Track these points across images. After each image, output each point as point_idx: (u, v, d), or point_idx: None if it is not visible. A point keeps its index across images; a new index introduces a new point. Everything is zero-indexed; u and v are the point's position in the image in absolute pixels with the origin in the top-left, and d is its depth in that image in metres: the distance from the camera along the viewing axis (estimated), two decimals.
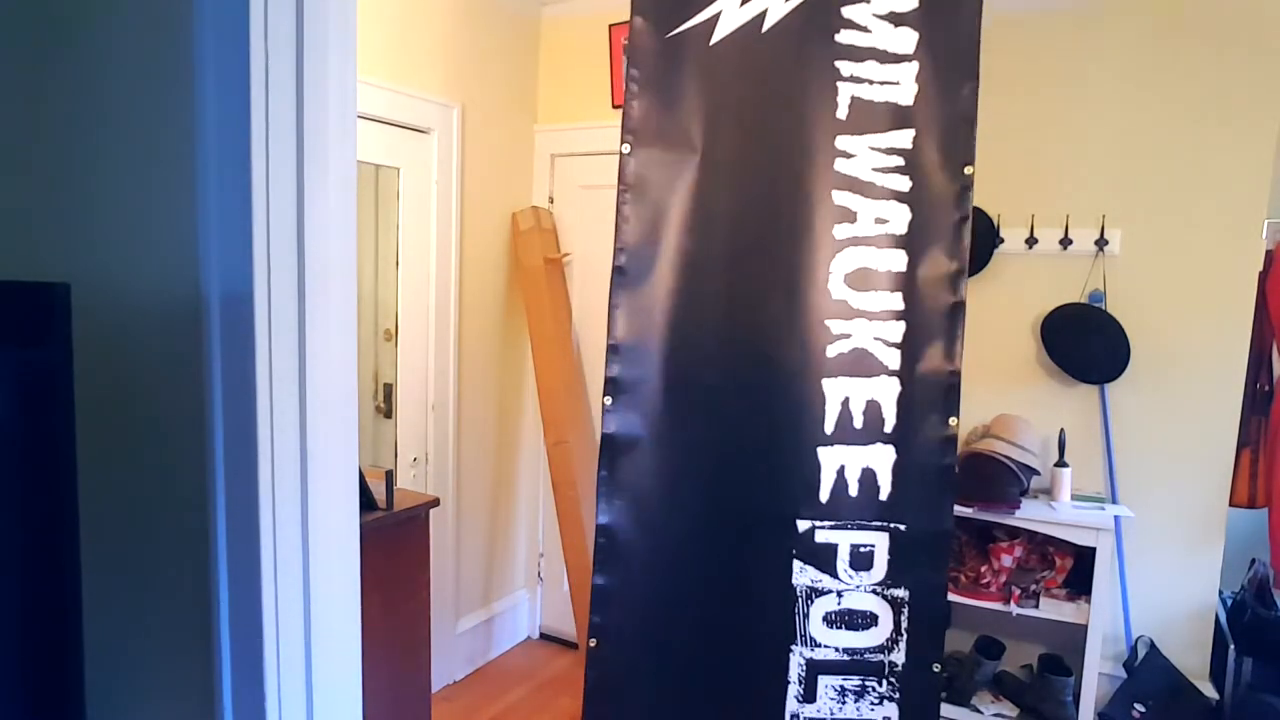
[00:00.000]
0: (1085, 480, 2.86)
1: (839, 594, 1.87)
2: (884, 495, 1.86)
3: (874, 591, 1.87)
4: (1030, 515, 2.67)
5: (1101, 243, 2.79)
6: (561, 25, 3.20)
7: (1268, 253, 2.65)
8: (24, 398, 0.92)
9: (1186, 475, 2.75)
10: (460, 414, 3.10)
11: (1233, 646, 2.66)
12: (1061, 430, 2.82)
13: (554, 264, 3.19)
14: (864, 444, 1.87)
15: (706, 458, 1.91)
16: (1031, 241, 2.89)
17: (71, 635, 0.98)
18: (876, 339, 1.86)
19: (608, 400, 1.89)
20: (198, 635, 1.02)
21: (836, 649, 1.88)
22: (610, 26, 2.97)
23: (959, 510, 2.74)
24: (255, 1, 0.90)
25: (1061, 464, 2.79)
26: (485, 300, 3.17)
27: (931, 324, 1.86)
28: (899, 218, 1.86)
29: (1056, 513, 2.69)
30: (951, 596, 2.80)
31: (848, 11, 1.86)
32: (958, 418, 1.86)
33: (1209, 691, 2.72)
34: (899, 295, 1.86)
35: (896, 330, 1.86)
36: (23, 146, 1.13)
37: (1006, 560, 2.76)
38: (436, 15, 2.81)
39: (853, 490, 1.86)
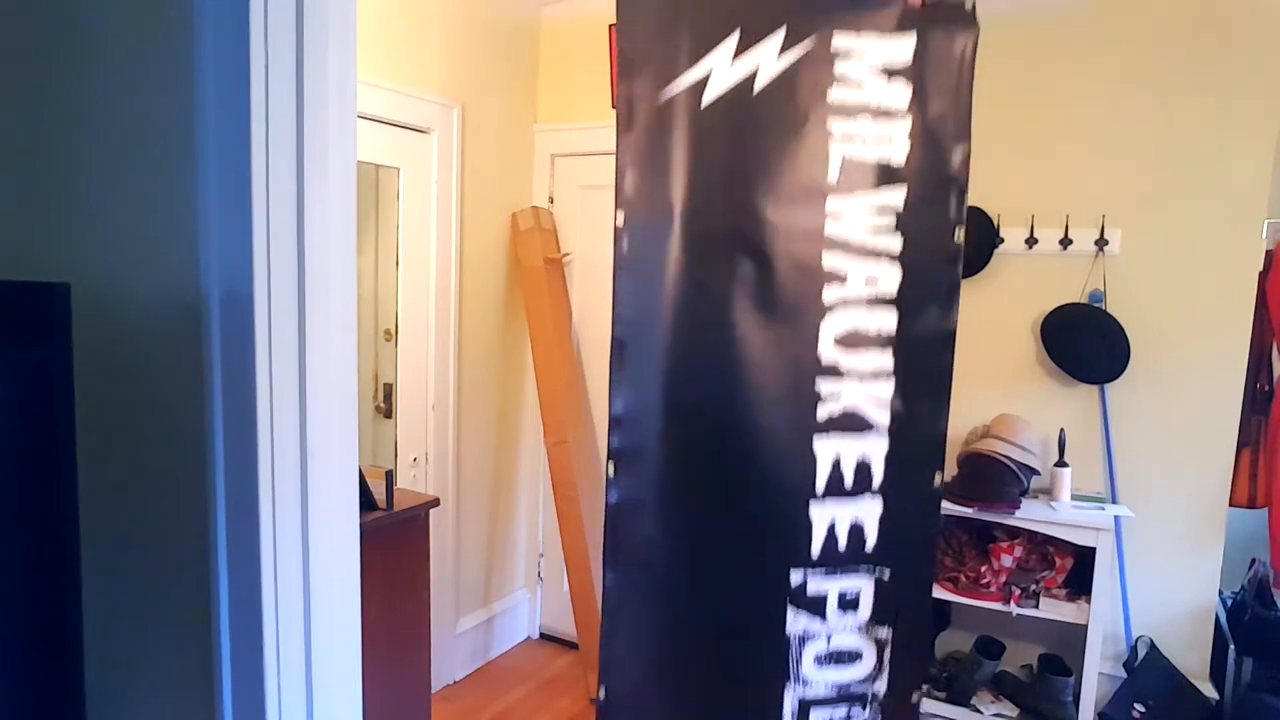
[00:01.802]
0: (1085, 480, 2.86)
1: (828, 636, 1.96)
2: (869, 545, 1.95)
3: (859, 631, 1.98)
4: (1030, 515, 2.67)
5: (1101, 243, 2.79)
6: (561, 25, 3.20)
7: (1268, 253, 2.66)
8: (24, 398, 0.92)
9: (1186, 475, 2.75)
10: (460, 414, 3.10)
11: (1233, 646, 2.66)
12: (1061, 430, 2.82)
13: (554, 264, 3.19)
14: (853, 498, 1.94)
15: (706, 519, 1.99)
16: (1031, 241, 2.89)
17: (71, 635, 0.98)
18: (867, 397, 1.91)
19: (611, 471, 1.96)
20: (198, 635, 1.02)
21: (826, 684, 1.98)
22: (610, 26, 2.97)
23: (959, 510, 2.74)
24: (255, 2, 0.90)
25: (1061, 464, 2.79)
26: (485, 300, 3.16)
27: (921, 383, 1.91)
28: (890, 278, 1.88)
29: (1056, 513, 2.69)
30: (951, 596, 2.81)
31: (841, 67, 1.86)
32: (942, 472, 1.95)
33: (1209, 691, 2.72)
34: (889, 354, 1.90)
35: (886, 389, 1.91)
36: (23, 146, 1.13)
37: (1006, 560, 2.76)
38: (436, 15, 2.81)
39: (842, 544, 1.94)
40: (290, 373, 0.97)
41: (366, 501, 2.13)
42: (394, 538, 2.16)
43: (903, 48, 1.84)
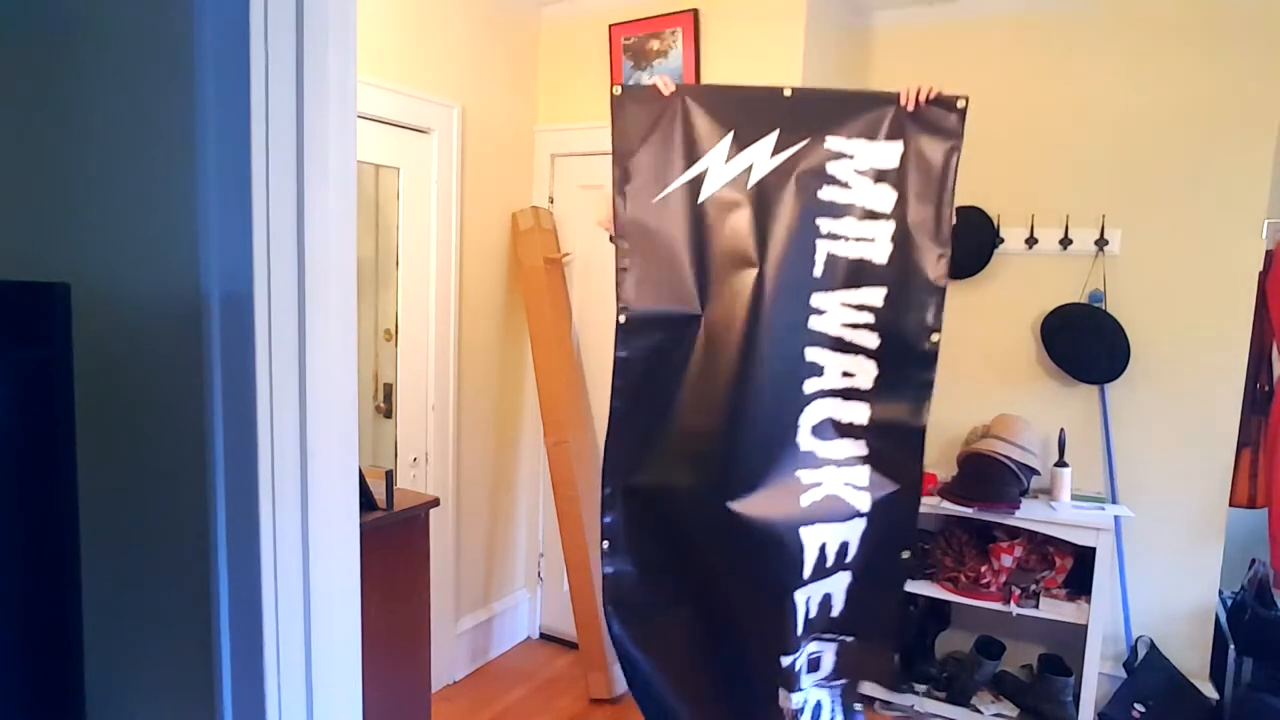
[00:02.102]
0: (1085, 480, 2.86)
1: (804, 695, 2.09)
2: (835, 613, 2.06)
3: (819, 685, 2.12)
4: (1030, 515, 2.67)
5: (1101, 243, 2.79)
6: (561, 25, 3.20)
7: (1268, 253, 2.65)
8: (24, 398, 0.92)
9: (1186, 475, 2.75)
10: (460, 414, 3.10)
11: (1233, 646, 2.66)
12: (1061, 430, 2.82)
13: (554, 264, 3.19)
14: (830, 575, 2.02)
15: (698, 604, 2.08)
16: (1031, 241, 2.89)
17: (71, 635, 0.98)
18: (846, 484, 1.99)
19: (605, 545, 2.05)
20: (198, 635, 1.02)
21: None
22: (610, 26, 2.97)
23: (959, 510, 2.74)
24: (255, 2, 0.90)
25: (1061, 464, 2.79)
26: (485, 300, 3.16)
27: (895, 471, 1.98)
28: (865, 372, 1.96)
29: (1056, 513, 2.69)
30: (951, 596, 2.81)
31: (831, 167, 1.92)
32: (911, 550, 2.06)
33: (1209, 691, 2.72)
34: (863, 443, 1.98)
35: (863, 475, 1.99)
36: (23, 146, 1.13)
37: (1006, 560, 2.76)
38: (437, 15, 2.81)
39: (813, 613, 2.04)
40: (290, 373, 0.97)
41: (366, 501, 2.12)
42: (394, 538, 2.16)
43: (891, 153, 1.92)
